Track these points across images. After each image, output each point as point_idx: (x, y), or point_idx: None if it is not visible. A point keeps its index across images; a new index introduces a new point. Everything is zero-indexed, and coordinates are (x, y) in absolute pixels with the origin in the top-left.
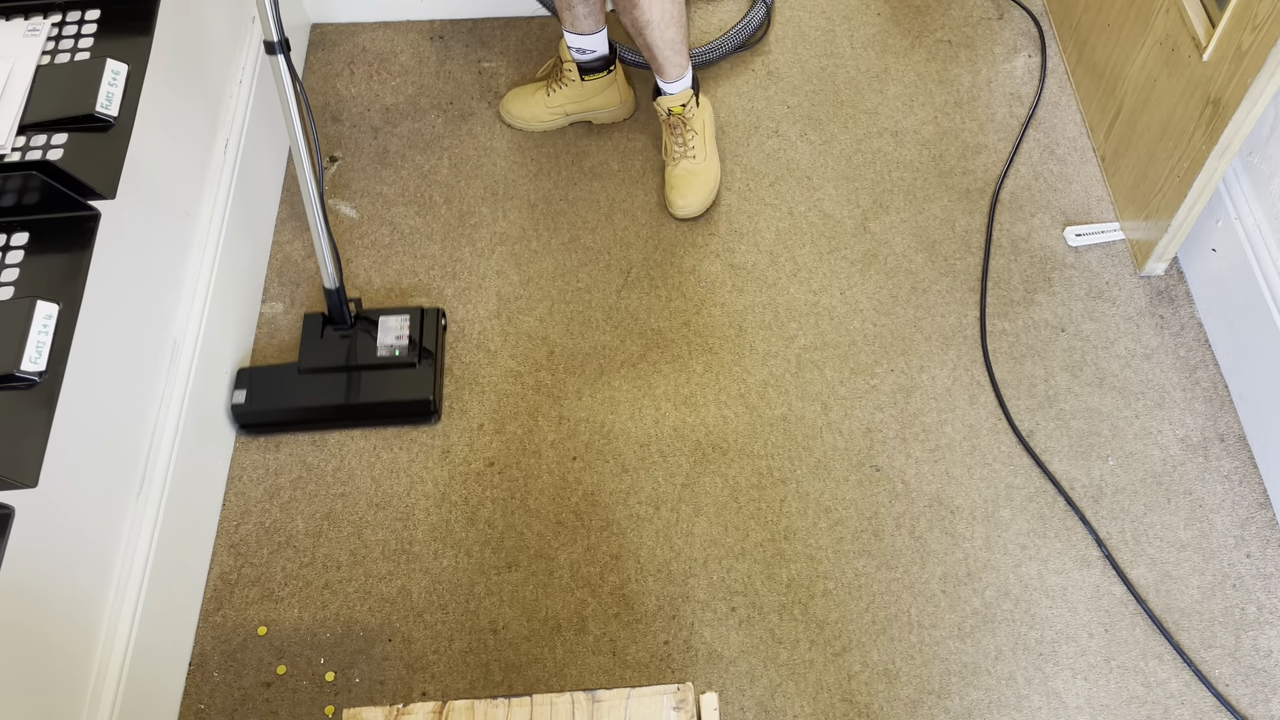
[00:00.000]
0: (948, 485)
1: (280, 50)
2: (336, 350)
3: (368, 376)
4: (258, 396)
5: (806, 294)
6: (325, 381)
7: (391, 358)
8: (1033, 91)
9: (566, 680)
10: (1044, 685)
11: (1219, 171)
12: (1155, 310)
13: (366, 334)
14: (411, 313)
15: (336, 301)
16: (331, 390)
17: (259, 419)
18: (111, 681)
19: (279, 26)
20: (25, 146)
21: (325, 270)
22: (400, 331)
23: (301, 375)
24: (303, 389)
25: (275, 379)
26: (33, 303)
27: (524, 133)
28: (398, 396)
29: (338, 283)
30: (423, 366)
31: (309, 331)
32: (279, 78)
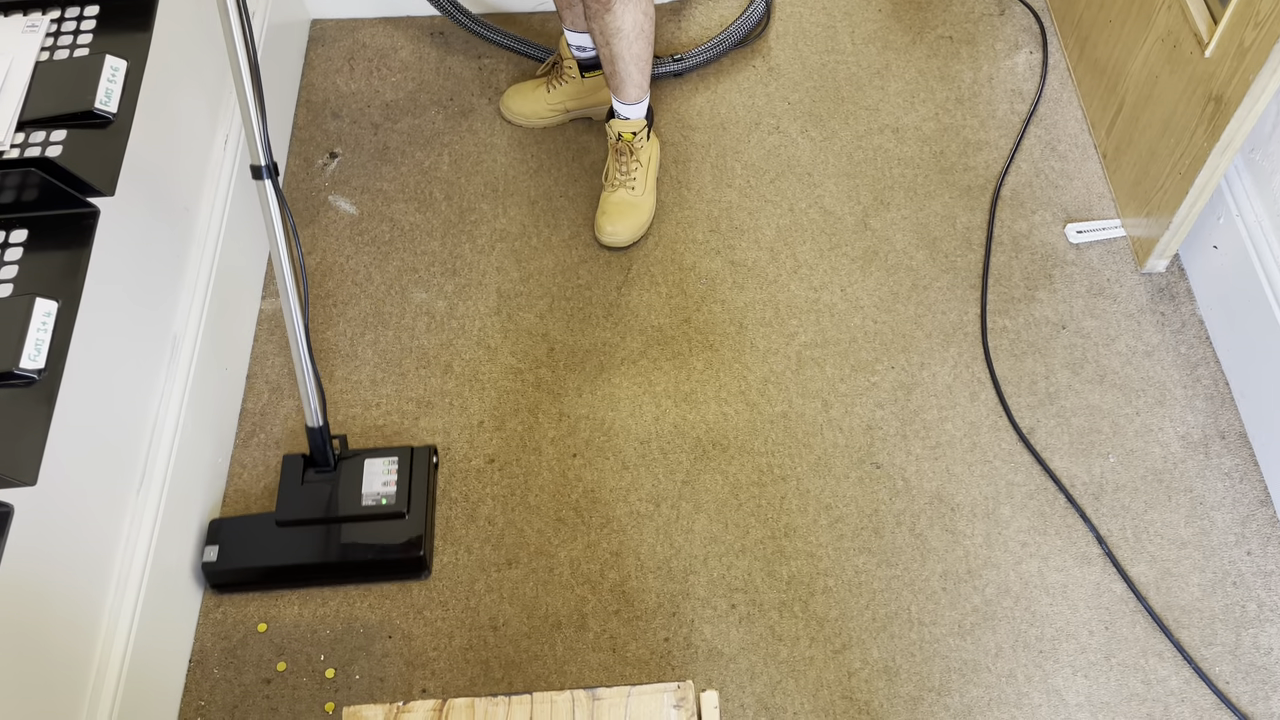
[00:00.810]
0: (948, 482)
1: (268, 175)
2: (318, 498)
3: (352, 530)
4: (231, 553)
5: (807, 291)
6: (305, 536)
7: (378, 507)
8: (1034, 88)
9: (566, 677)
10: (1044, 683)
11: (1221, 168)
12: (1156, 307)
13: (351, 479)
14: (400, 454)
15: (320, 442)
16: (312, 546)
17: (232, 578)
18: (111, 679)
19: (267, 149)
20: (24, 143)
21: (308, 407)
22: (387, 476)
23: (280, 529)
24: (281, 545)
25: (250, 532)
26: (32, 300)
27: (524, 129)
28: (385, 554)
29: (322, 421)
30: (412, 516)
31: (288, 475)
32: (265, 203)
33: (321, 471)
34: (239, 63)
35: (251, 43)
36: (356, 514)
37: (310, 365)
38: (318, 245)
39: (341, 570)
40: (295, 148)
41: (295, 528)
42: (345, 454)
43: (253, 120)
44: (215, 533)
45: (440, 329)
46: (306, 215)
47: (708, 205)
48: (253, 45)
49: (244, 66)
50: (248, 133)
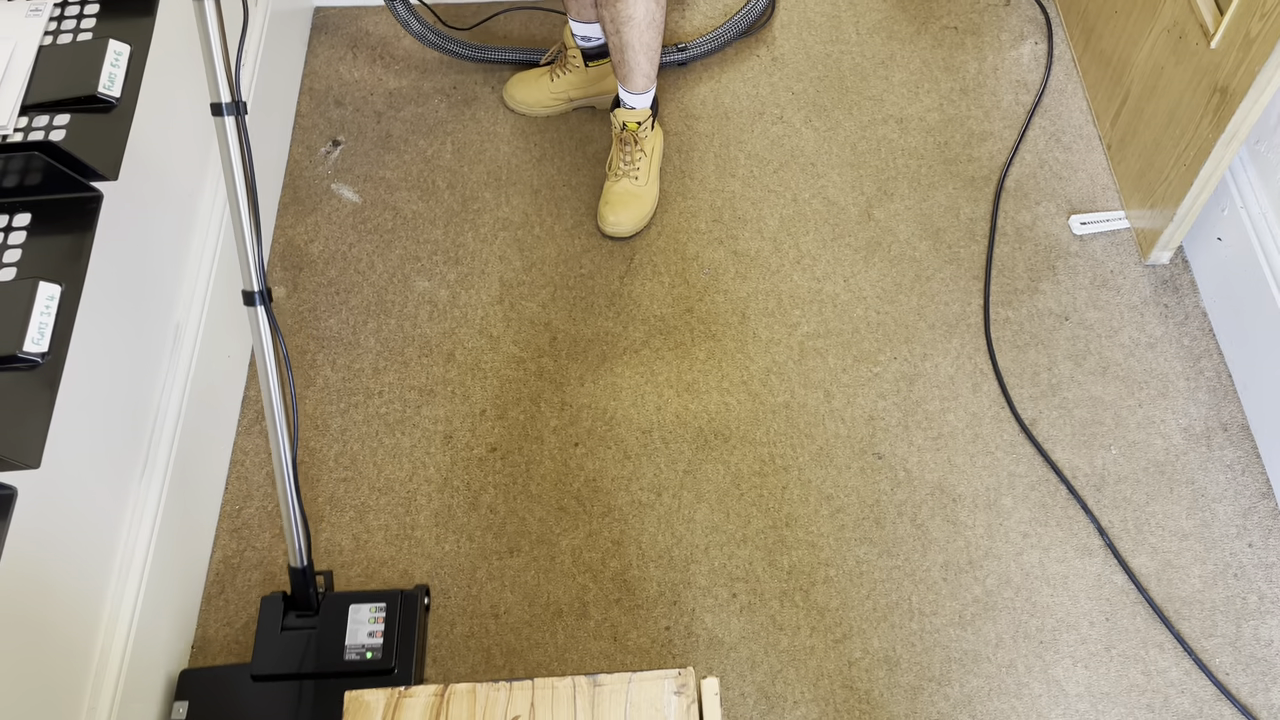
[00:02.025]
0: (950, 473)
1: (261, 301)
2: (297, 649)
3: (333, 688)
4: (202, 711)
5: (810, 281)
6: (283, 694)
7: (363, 661)
8: (1039, 79)
9: (567, 665)
10: (1044, 673)
11: (1225, 160)
12: (1160, 299)
13: (334, 626)
14: (388, 598)
15: (302, 583)
16: (290, 706)
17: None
18: (114, 664)
19: (262, 274)
20: (27, 127)
21: (292, 546)
22: (374, 625)
23: (254, 683)
24: (255, 703)
25: (222, 688)
26: (35, 284)
27: (527, 118)
28: None
29: (306, 561)
30: (400, 673)
31: (266, 620)
32: (256, 330)
33: (303, 616)
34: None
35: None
36: (339, 669)
37: (296, 502)
38: (320, 233)
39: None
40: (298, 135)
41: (270, 684)
42: (329, 595)
43: (248, 245)
44: (185, 687)
45: (443, 317)
46: (309, 204)
47: (711, 195)
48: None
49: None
50: (241, 256)
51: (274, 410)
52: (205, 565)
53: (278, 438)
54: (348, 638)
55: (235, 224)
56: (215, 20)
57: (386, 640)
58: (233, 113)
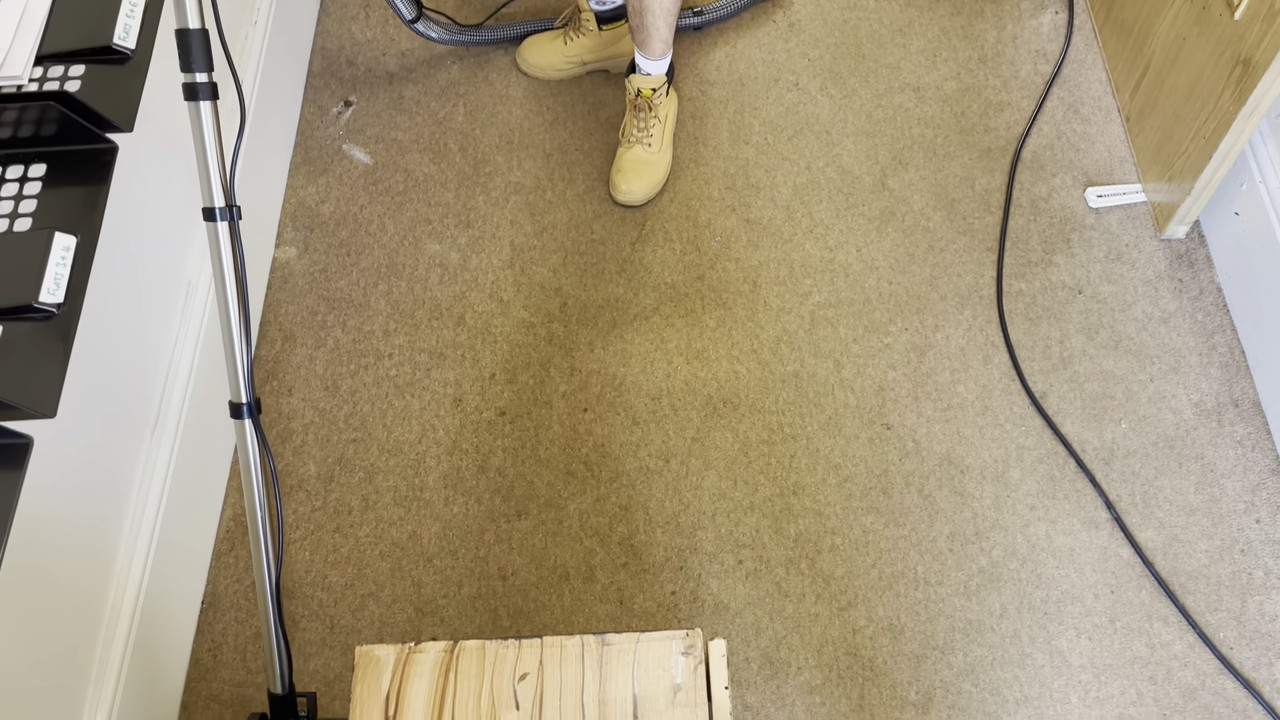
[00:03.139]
0: (958, 445)
1: (248, 414)
2: None
3: None
4: None
5: (822, 250)
6: None
7: None
8: (1058, 49)
9: (574, 627)
10: (1048, 644)
11: (1246, 133)
12: (1174, 274)
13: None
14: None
15: (282, 713)
16: None
17: None
18: (126, 616)
19: (250, 386)
20: (42, 78)
21: (273, 672)
22: None
23: None
24: None
25: None
26: (51, 234)
27: (540, 81)
28: None
29: (286, 688)
30: None
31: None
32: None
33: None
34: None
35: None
36: None
37: (278, 626)
38: (331, 194)
39: None
40: (310, 95)
41: None
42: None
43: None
44: None
45: (453, 281)
46: (321, 164)
47: (724, 162)
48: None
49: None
50: (229, 366)
51: (259, 528)
52: (216, 522)
53: (261, 560)
54: None
55: (224, 332)
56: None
57: None
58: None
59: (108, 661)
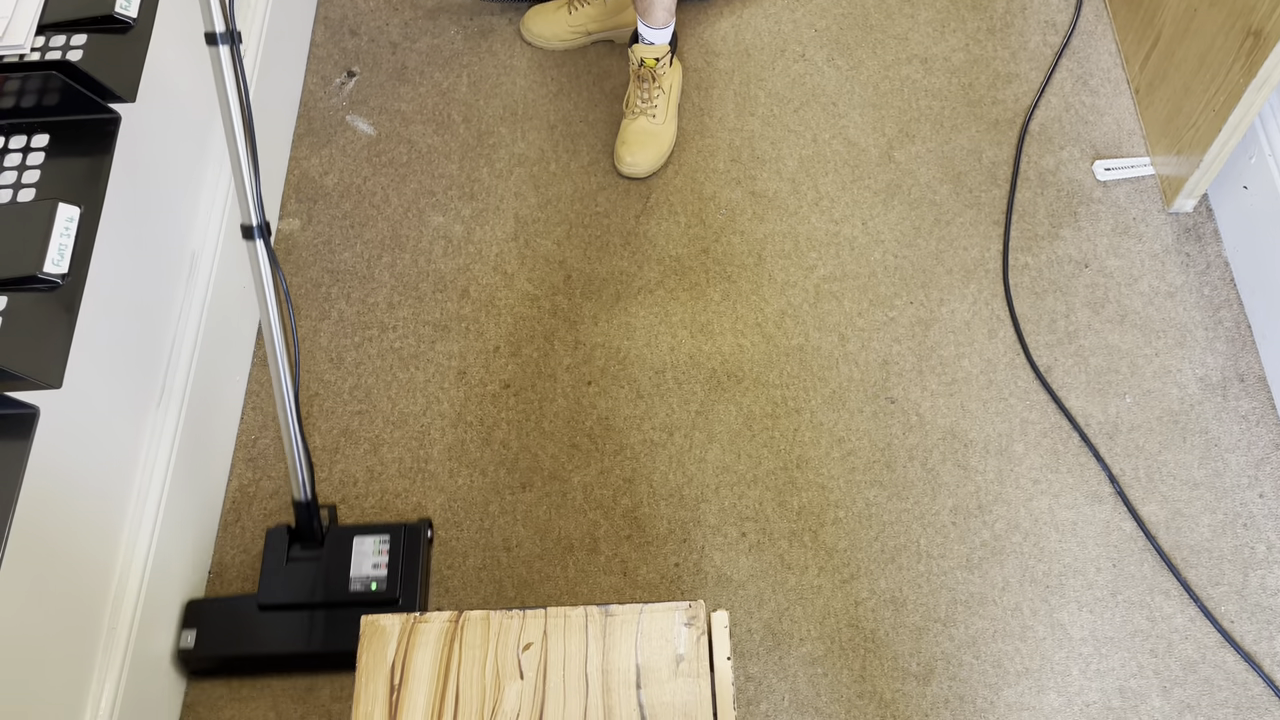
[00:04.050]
0: (962, 419)
1: (259, 235)
2: (303, 579)
3: (340, 617)
4: (209, 639)
5: (828, 224)
6: (288, 622)
7: (367, 592)
8: (1068, 19)
9: (578, 598)
10: (1049, 616)
11: (1256, 106)
12: (1181, 248)
13: (339, 558)
14: (392, 531)
15: (306, 517)
16: (297, 634)
17: (210, 665)
18: (133, 587)
19: (259, 207)
20: (44, 47)
21: (296, 480)
22: (378, 557)
23: (262, 613)
24: (263, 632)
25: (230, 616)
26: (55, 204)
27: (545, 52)
28: None
29: (310, 495)
30: (405, 602)
31: (272, 552)
32: (255, 265)
33: (308, 548)
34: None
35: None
36: (344, 600)
37: (299, 435)
38: (335, 165)
39: (327, 662)
40: (313, 65)
41: (277, 613)
42: (334, 529)
43: (245, 176)
44: (193, 616)
45: (458, 253)
46: (324, 135)
47: (729, 134)
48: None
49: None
50: (239, 189)
51: (275, 344)
52: (222, 493)
53: (279, 372)
54: (352, 569)
55: (232, 156)
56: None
57: (390, 572)
58: (227, 42)
59: (115, 630)
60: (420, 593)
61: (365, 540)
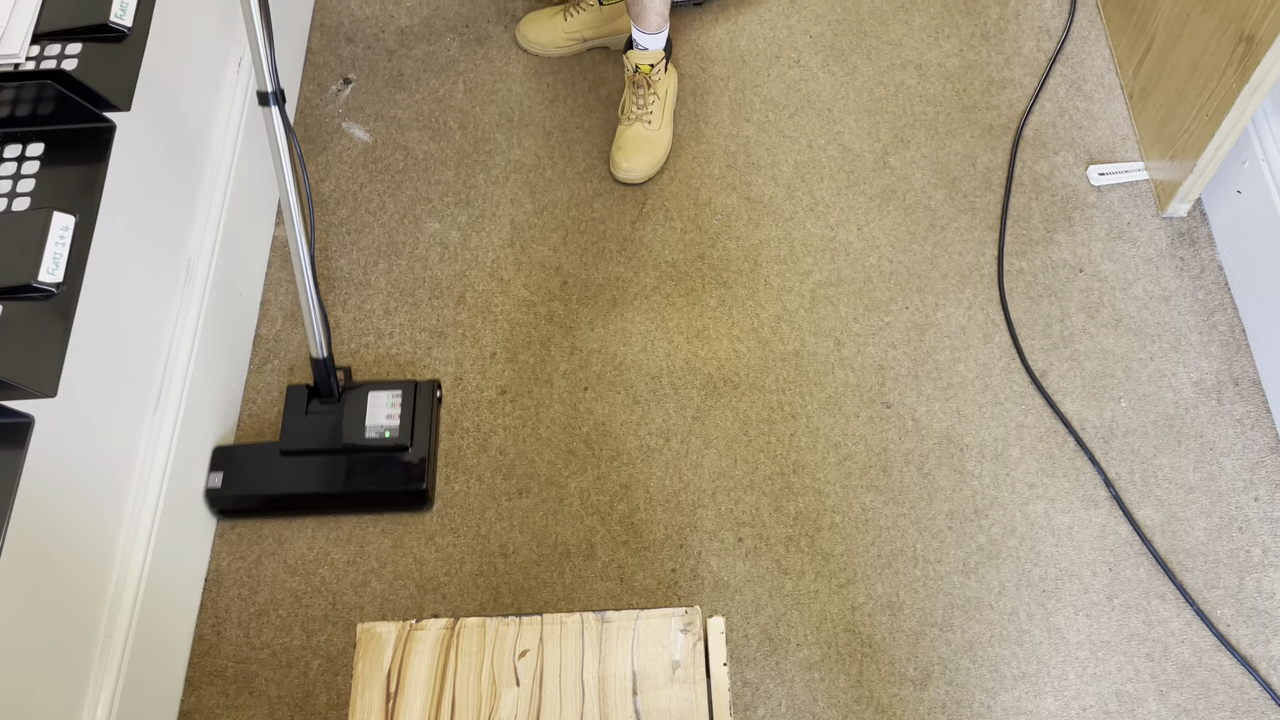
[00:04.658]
0: (958, 423)
1: (275, 101)
2: (321, 429)
3: (356, 461)
4: (235, 480)
5: (823, 229)
6: (308, 466)
7: (381, 440)
8: (1061, 25)
9: (575, 604)
10: (1046, 621)
11: (1249, 111)
12: (1176, 252)
13: (354, 411)
14: (404, 388)
15: (324, 373)
16: (315, 476)
17: (235, 505)
18: (129, 594)
19: (274, 75)
20: (39, 56)
21: (313, 339)
22: (391, 410)
23: (284, 458)
24: (285, 473)
25: (255, 461)
26: (50, 213)
27: (540, 58)
28: (389, 485)
29: (326, 353)
30: (416, 450)
31: (292, 406)
32: (271, 131)
33: (326, 403)
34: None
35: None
36: (359, 445)
37: (315, 297)
38: (331, 172)
39: (345, 501)
40: (309, 72)
41: (299, 457)
42: (349, 386)
43: (259, 45)
44: (220, 460)
45: (454, 260)
46: (320, 142)
47: (725, 140)
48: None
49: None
50: (254, 57)
51: (291, 208)
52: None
53: (295, 234)
54: (367, 419)
55: (247, 24)
56: None
57: (403, 423)
58: None
59: (112, 638)
60: (430, 444)
61: (379, 395)
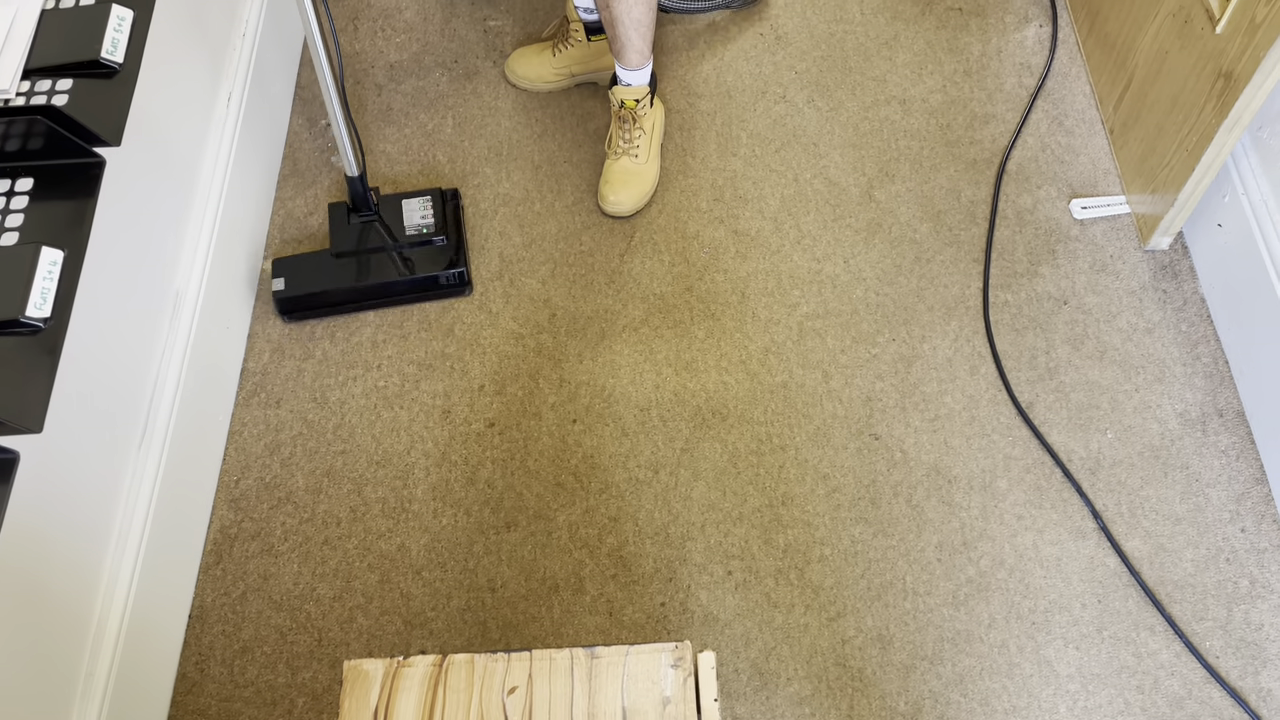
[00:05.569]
0: (946, 455)
1: None
2: (366, 234)
3: (401, 255)
4: (296, 282)
5: (810, 262)
6: (360, 264)
7: (420, 235)
8: (1043, 62)
9: (563, 639)
10: (1036, 653)
11: (1228, 146)
12: (1158, 285)
13: (392, 216)
14: (431, 194)
15: (360, 189)
16: (369, 270)
17: (298, 305)
18: (112, 630)
19: None
20: (30, 91)
21: (346, 158)
22: (424, 211)
23: (337, 260)
24: (340, 272)
25: (311, 265)
26: (38, 248)
27: (529, 93)
28: (435, 269)
29: (360, 169)
30: (451, 241)
31: (335, 220)
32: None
33: (364, 214)
34: None
35: None
36: (403, 242)
37: (346, 117)
38: (320, 206)
39: (398, 288)
40: (298, 107)
41: (350, 258)
42: (382, 197)
43: None
44: (280, 268)
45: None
46: (309, 176)
47: (712, 174)
48: None
49: None
50: None
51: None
52: (203, 535)
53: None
54: (405, 220)
55: None
56: None
57: (437, 220)
58: None
59: (94, 675)
60: (461, 236)
61: (411, 201)
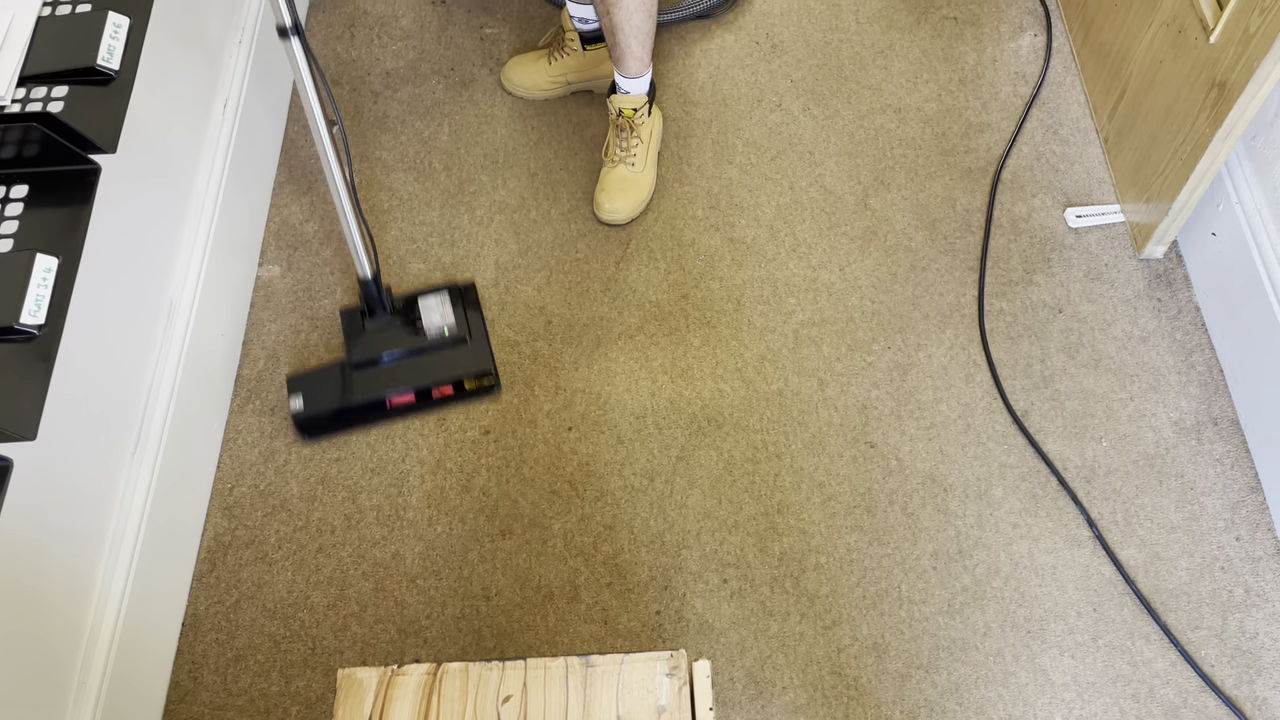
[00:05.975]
0: (941, 463)
1: (294, 33)
2: (384, 339)
3: (423, 360)
4: (315, 400)
5: (805, 270)
6: (381, 374)
7: (442, 337)
8: (1037, 71)
9: (558, 648)
10: (1031, 662)
11: (1222, 155)
12: (1153, 293)
13: (409, 317)
14: (449, 290)
15: (374, 292)
16: (390, 382)
17: (319, 423)
18: (105, 638)
19: (292, 9)
20: (25, 98)
21: (358, 261)
22: (443, 309)
23: (356, 371)
24: (360, 385)
25: (327, 379)
26: (32, 255)
27: (525, 101)
28: (461, 372)
29: (373, 272)
30: (475, 341)
31: (350, 326)
32: (294, 62)
33: (379, 317)
34: None
35: None
36: (425, 346)
37: (358, 219)
38: (316, 213)
39: (422, 399)
40: (294, 114)
41: (369, 369)
42: (395, 297)
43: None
44: (296, 385)
45: None
46: (305, 183)
47: (708, 182)
48: None
49: None
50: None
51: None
52: (196, 543)
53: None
54: (423, 321)
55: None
56: None
57: (457, 318)
58: None
59: (86, 684)
60: (485, 332)
61: (428, 298)
